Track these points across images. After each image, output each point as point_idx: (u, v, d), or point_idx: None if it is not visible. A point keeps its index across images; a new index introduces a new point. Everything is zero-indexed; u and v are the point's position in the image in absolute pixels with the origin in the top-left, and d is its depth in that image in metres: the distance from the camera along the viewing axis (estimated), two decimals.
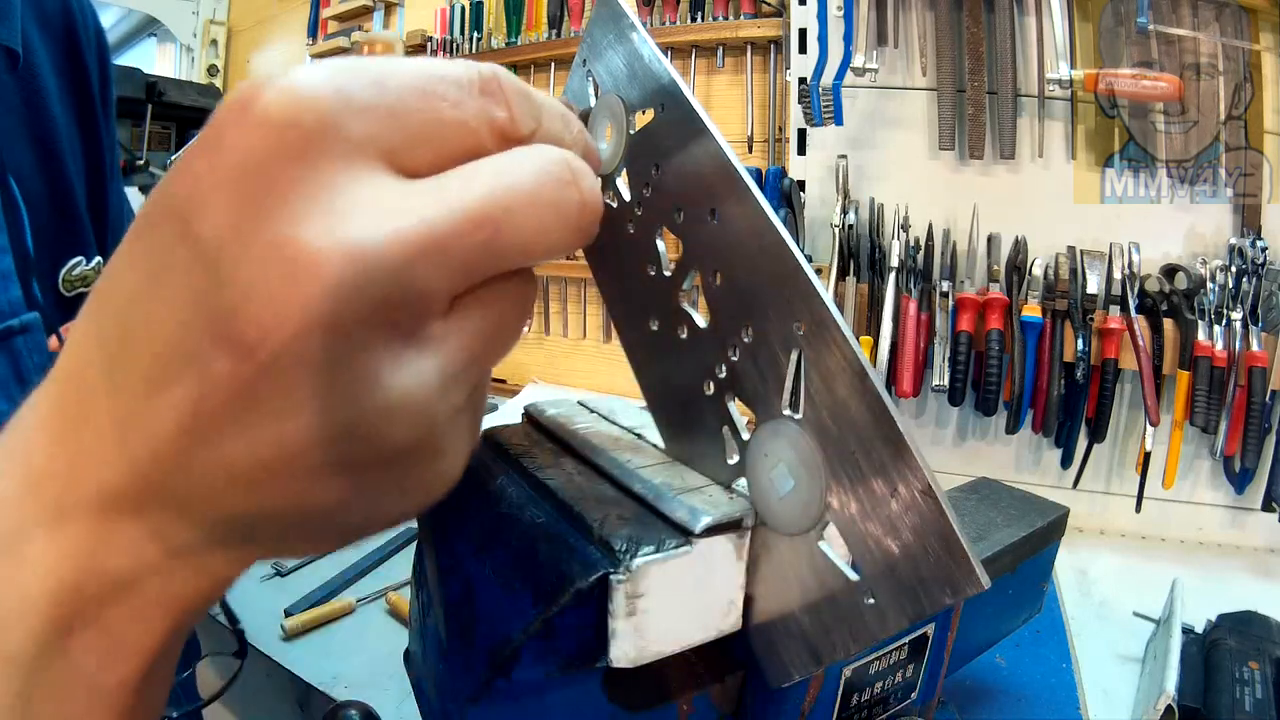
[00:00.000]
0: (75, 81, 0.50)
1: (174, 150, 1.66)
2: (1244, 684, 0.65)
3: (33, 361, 0.43)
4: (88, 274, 0.49)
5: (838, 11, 1.11)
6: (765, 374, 0.25)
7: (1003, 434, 1.10)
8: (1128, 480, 1.08)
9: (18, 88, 0.46)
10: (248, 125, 0.16)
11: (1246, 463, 0.99)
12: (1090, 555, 1.03)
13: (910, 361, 1.07)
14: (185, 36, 2.11)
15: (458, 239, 0.17)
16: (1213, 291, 0.99)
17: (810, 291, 0.23)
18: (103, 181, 0.53)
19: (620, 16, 0.28)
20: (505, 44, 1.51)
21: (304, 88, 0.17)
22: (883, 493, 0.22)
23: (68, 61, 0.50)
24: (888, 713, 0.38)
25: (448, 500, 0.21)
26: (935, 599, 0.21)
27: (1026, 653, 0.75)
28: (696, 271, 0.27)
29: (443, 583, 0.30)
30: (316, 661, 0.80)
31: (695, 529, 0.26)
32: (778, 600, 0.26)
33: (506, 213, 0.18)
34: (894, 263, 1.08)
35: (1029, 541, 0.44)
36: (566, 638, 0.25)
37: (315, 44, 1.91)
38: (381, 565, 0.99)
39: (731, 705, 0.31)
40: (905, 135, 1.17)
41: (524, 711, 0.26)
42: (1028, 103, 1.09)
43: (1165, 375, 1.02)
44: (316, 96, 0.17)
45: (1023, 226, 1.09)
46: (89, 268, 0.49)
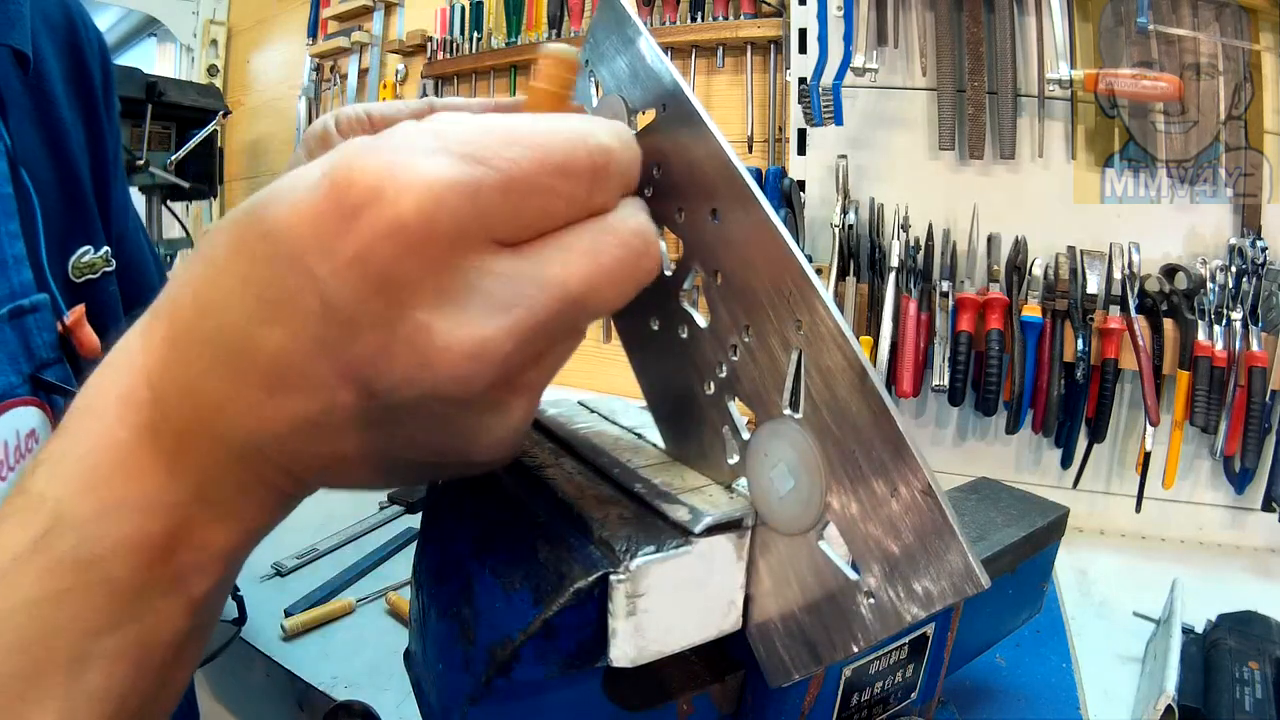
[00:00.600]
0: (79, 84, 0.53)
1: (174, 150, 1.65)
2: (1244, 684, 0.65)
3: (41, 339, 0.45)
4: (95, 261, 0.51)
5: (838, 11, 1.11)
6: (765, 374, 0.25)
7: (1003, 434, 1.10)
8: (1128, 480, 1.08)
9: (28, 90, 0.48)
10: (382, 224, 0.18)
11: (1246, 463, 0.99)
12: (1090, 555, 1.03)
13: (910, 361, 1.07)
14: (185, 36, 2.11)
15: (555, 320, 0.21)
16: (1213, 291, 0.99)
17: (810, 291, 0.23)
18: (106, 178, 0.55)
19: (623, 18, 0.28)
20: (505, 44, 1.51)
21: (442, 194, 0.19)
22: (883, 493, 0.22)
23: (72, 66, 0.52)
24: (888, 713, 0.38)
25: (448, 500, 0.21)
26: (935, 599, 0.21)
27: (1026, 653, 0.75)
28: (697, 271, 0.27)
29: (443, 583, 0.30)
30: (316, 661, 0.80)
31: (695, 529, 0.26)
32: (778, 600, 0.26)
33: (594, 291, 0.21)
34: (894, 263, 1.08)
35: (1029, 541, 0.44)
36: (566, 638, 0.25)
37: (315, 44, 1.91)
38: (381, 565, 0.99)
39: (731, 705, 0.31)
40: (905, 135, 1.17)
41: (524, 711, 0.26)
42: (1028, 103, 1.09)
43: (1165, 375, 1.02)
44: (452, 208, 0.19)
45: (1023, 226, 1.09)
46: (96, 255, 0.52)
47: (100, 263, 0.51)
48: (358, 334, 0.19)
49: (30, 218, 0.45)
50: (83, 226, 0.52)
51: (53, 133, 0.50)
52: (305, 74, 1.94)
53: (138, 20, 2.25)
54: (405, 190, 0.18)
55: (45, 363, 0.45)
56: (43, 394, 0.45)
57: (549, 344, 0.22)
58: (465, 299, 0.19)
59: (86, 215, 0.52)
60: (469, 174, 0.19)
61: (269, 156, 2.10)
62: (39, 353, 0.45)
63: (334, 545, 1.03)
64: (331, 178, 0.19)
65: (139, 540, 0.22)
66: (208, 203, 2.06)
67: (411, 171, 0.19)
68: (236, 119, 2.07)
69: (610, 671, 0.27)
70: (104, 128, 0.54)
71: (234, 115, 1.97)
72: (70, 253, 0.50)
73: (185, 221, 1.89)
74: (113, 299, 0.53)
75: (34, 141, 0.48)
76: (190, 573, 0.23)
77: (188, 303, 0.22)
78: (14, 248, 0.44)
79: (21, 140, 0.46)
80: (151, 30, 2.27)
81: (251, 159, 2.15)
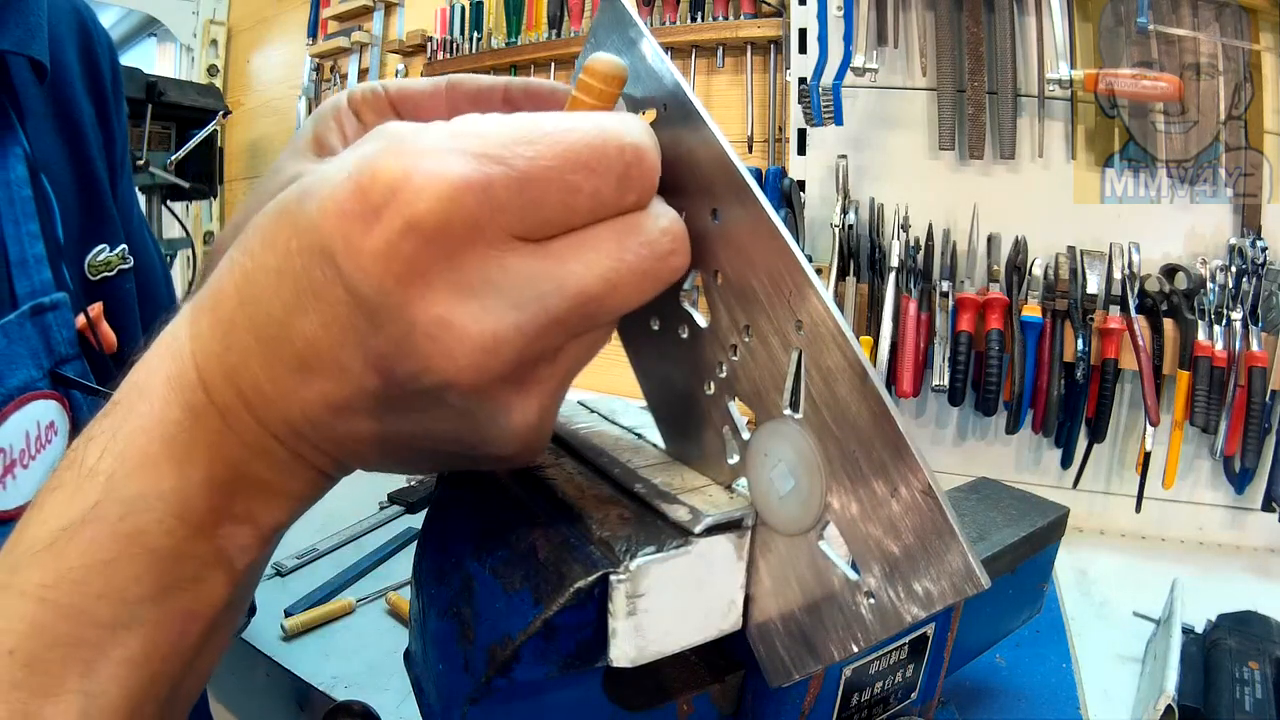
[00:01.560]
0: (93, 87, 0.55)
1: (174, 150, 1.65)
2: (1244, 684, 0.65)
3: (61, 335, 0.47)
4: (111, 260, 0.53)
5: (838, 11, 1.11)
6: (765, 374, 0.25)
7: (1003, 434, 1.10)
8: (1128, 480, 1.08)
9: (47, 96, 0.50)
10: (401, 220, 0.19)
11: (1246, 463, 0.99)
12: (1090, 555, 1.03)
13: (910, 361, 1.07)
14: (185, 36, 2.11)
15: (572, 317, 0.21)
16: (1213, 291, 0.99)
17: (810, 291, 0.23)
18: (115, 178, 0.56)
19: (625, 19, 0.28)
20: (505, 44, 1.51)
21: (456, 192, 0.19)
22: (883, 493, 0.22)
23: (86, 69, 0.54)
24: (888, 713, 0.38)
25: (448, 500, 0.21)
26: (935, 599, 0.21)
27: (1026, 653, 0.75)
28: (697, 271, 0.27)
29: (443, 583, 0.30)
30: (316, 661, 0.80)
31: (695, 529, 0.26)
32: (778, 600, 0.26)
33: (614, 290, 0.22)
34: (894, 263, 1.08)
35: (1029, 542, 0.44)
36: (566, 638, 0.25)
37: (315, 44, 1.91)
38: (381, 565, 0.99)
39: (731, 705, 0.31)
40: (905, 135, 1.17)
41: (524, 711, 0.26)
42: (1028, 103, 1.09)
43: (1165, 375, 1.02)
44: (466, 206, 0.20)
45: (1023, 226, 1.09)
46: (113, 254, 0.54)
47: (116, 261, 0.54)
48: (381, 324, 0.20)
49: (50, 219, 0.48)
50: (99, 226, 0.53)
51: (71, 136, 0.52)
52: (305, 74, 1.94)
53: (138, 20, 2.25)
54: (422, 190, 0.19)
55: (64, 358, 0.47)
56: (61, 388, 0.47)
57: (566, 340, 0.23)
58: (482, 293, 0.20)
59: (103, 215, 0.54)
60: (483, 172, 0.20)
61: (269, 156, 2.10)
62: (58, 349, 0.47)
63: (334, 545, 1.03)
64: (357, 179, 0.20)
65: (184, 514, 0.23)
66: (208, 203, 2.06)
67: (428, 172, 0.19)
68: (236, 119, 2.07)
69: (610, 671, 0.27)
70: (115, 129, 0.56)
71: (234, 115, 1.97)
72: (87, 252, 0.52)
73: (185, 221, 1.89)
74: (129, 296, 0.54)
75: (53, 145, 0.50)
76: (231, 546, 0.25)
77: (230, 293, 0.23)
78: (34, 248, 0.46)
79: (40, 145, 0.48)
80: (151, 30, 2.27)
81: (251, 159, 2.15)
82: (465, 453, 0.25)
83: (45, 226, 0.47)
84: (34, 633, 0.22)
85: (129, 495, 0.23)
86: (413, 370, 0.21)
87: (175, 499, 0.23)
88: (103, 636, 0.22)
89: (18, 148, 0.46)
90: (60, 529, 0.23)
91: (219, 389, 0.23)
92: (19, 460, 0.44)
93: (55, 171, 0.49)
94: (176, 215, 1.79)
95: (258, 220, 0.23)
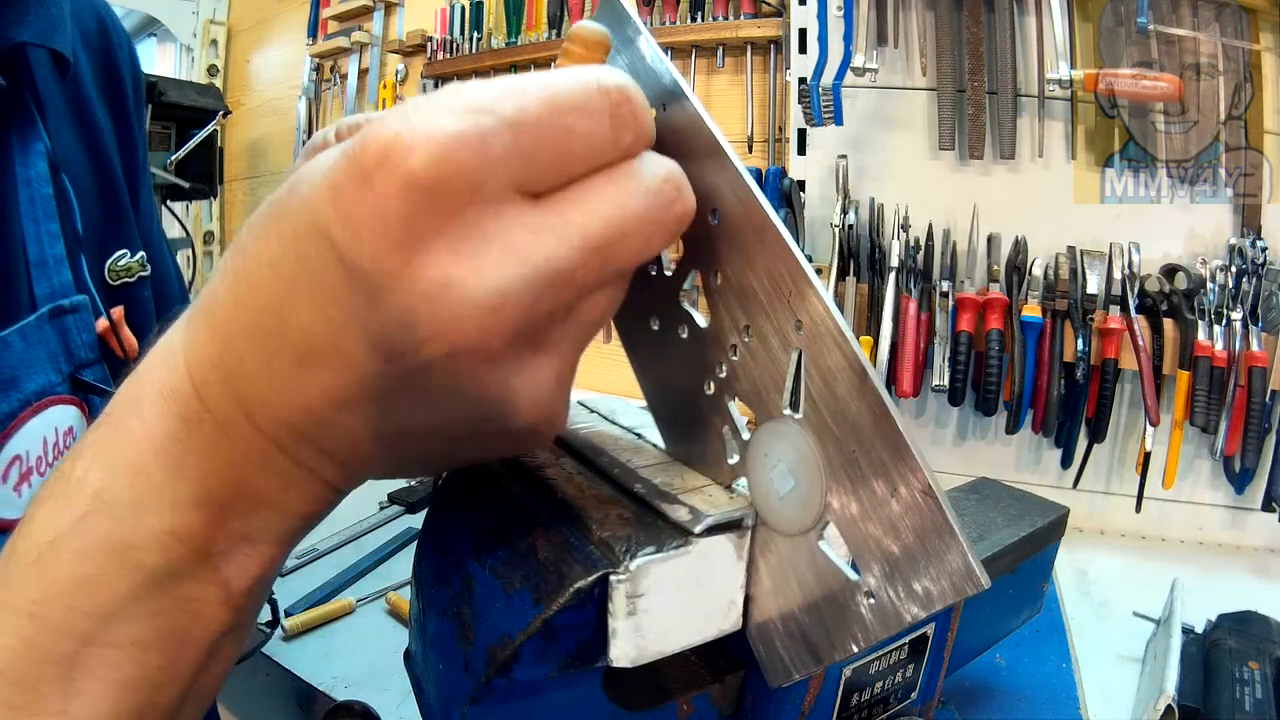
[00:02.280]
0: (111, 89, 0.54)
1: (174, 150, 1.65)
2: (1244, 684, 0.65)
3: (81, 339, 0.46)
4: (131, 265, 0.53)
5: (838, 11, 1.11)
6: (765, 374, 0.25)
7: (1003, 434, 1.10)
8: (1128, 480, 1.08)
9: (67, 95, 0.49)
10: (395, 181, 0.19)
11: (1246, 463, 0.99)
12: (1090, 555, 1.03)
13: (910, 361, 1.07)
14: (185, 36, 2.11)
15: (577, 270, 0.21)
16: (1213, 291, 0.99)
17: (810, 291, 0.23)
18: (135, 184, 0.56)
19: (623, 18, 0.28)
20: (505, 44, 1.51)
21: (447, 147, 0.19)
22: (883, 493, 0.22)
23: (105, 71, 0.53)
24: (888, 713, 0.38)
25: (448, 500, 0.21)
26: (935, 599, 0.21)
27: (1026, 653, 0.75)
28: (697, 271, 0.27)
29: (443, 583, 0.30)
30: (316, 661, 0.80)
31: (695, 529, 0.26)
32: (778, 600, 0.26)
33: (621, 237, 0.21)
34: (894, 263, 1.08)
35: (1029, 542, 0.44)
36: (566, 638, 0.25)
37: (315, 44, 1.91)
38: (381, 565, 0.99)
39: (731, 705, 0.31)
40: (905, 135, 1.17)
41: (524, 711, 0.26)
42: (1028, 103, 1.09)
43: (1165, 375, 1.02)
44: (460, 160, 0.19)
45: (1023, 226, 1.09)
46: (133, 260, 0.53)
47: (136, 267, 0.53)
48: (380, 297, 0.19)
49: (69, 220, 0.46)
50: (119, 230, 0.52)
51: (90, 137, 0.51)
52: (305, 74, 1.94)
53: (138, 20, 2.24)
54: (412, 148, 0.19)
55: (84, 363, 0.46)
56: (81, 394, 0.45)
57: (576, 296, 0.21)
58: (482, 250, 0.19)
59: (123, 219, 0.53)
60: (474, 124, 0.19)
61: (269, 156, 2.10)
62: (78, 353, 0.45)
63: (334, 545, 1.03)
64: (347, 153, 0.19)
65: (177, 529, 0.22)
66: (208, 203, 2.06)
67: (419, 129, 0.19)
68: (236, 119, 2.07)
69: (610, 671, 0.27)
70: (134, 133, 0.55)
71: (234, 115, 1.97)
72: (107, 256, 0.51)
73: (185, 221, 1.89)
74: (148, 303, 0.53)
75: (73, 145, 0.49)
76: (228, 565, 0.24)
77: (223, 296, 0.22)
78: (54, 248, 0.45)
79: (61, 143, 0.47)
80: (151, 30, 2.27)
81: (251, 159, 2.15)
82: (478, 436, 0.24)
83: (65, 226, 0.46)
84: (24, 649, 0.21)
85: (116, 510, 0.22)
86: (415, 340, 0.20)
87: (168, 513, 0.22)
88: (91, 655, 0.22)
89: (39, 144, 0.45)
90: (47, 542, 0.22)
91: (215, 397, 0.22)
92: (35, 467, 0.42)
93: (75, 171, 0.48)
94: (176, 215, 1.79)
95: (250, 222, 0.22)
